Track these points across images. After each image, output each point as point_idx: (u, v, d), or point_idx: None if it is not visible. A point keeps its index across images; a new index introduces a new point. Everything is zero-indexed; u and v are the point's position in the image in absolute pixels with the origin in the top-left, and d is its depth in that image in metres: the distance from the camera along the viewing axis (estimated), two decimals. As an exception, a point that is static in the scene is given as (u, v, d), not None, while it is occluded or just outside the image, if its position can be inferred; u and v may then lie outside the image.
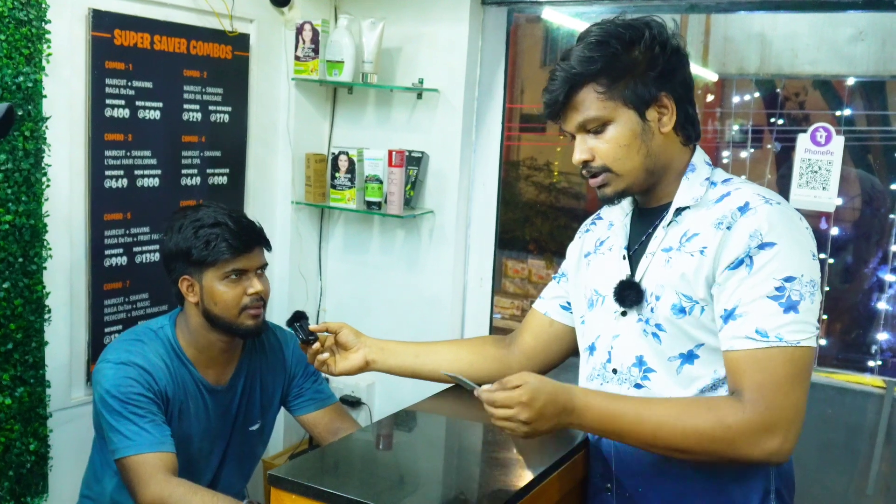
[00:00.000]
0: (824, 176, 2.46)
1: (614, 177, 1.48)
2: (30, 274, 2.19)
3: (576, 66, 1.44)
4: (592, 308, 1.61)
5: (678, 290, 1.44)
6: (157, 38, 2.49)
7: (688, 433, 1.35)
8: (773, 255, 1.35)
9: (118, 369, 1.92)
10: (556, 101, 1.48)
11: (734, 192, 1.45)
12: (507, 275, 4.00)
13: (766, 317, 1.35)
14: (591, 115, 1.46)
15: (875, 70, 3.12)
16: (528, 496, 1.44)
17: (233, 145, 2.81)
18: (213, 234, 1.95)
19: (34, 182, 2.17)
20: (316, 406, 2.20)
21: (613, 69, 1.44)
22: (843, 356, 3.12)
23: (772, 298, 1.35)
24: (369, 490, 1.36)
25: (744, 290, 1.37)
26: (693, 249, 1.44)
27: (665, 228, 1.50)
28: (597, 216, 1.75)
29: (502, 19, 2.90)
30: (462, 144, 2.86)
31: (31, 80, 2.13)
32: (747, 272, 1.37)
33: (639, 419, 1.38)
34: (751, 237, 1.37)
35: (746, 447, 1.33)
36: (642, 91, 1.44)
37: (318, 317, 3.18)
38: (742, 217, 1.39)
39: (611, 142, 1.46)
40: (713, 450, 1.35)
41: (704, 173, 1.51)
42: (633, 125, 1.45)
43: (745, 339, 1.36)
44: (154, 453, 1.86)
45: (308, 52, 2.85)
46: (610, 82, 1.44)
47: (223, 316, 1.97)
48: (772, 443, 1.33)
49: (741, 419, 1.33)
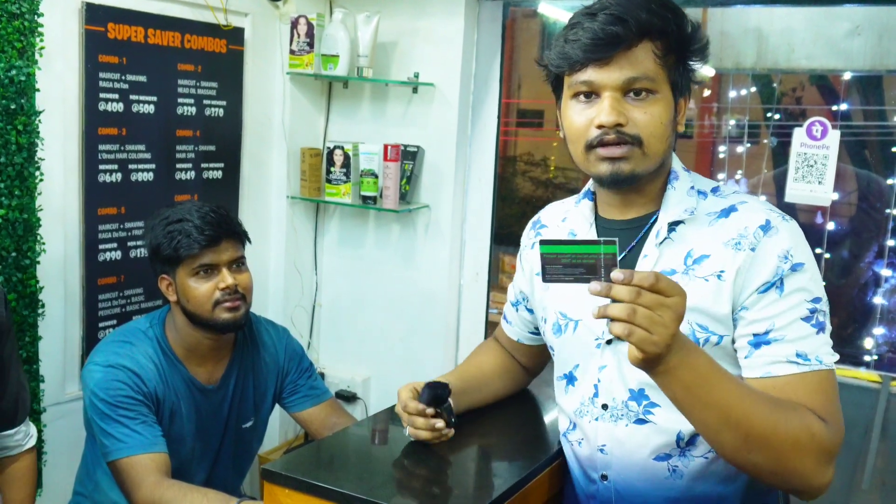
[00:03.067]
0: (820, 170, 2.45)
1: (641, 154, 1.29)
2: (23, 268, 2.18)
3: (644, 14, 1.25)
4: (561, 335, 1.46)
5: (691, 321, 1.29)
6: (151, 31, 2.48)
7: (778, 429, 1.18)
8: (803, 277, 1.27)
9: (106, 372, 1.90)
10: (614, 40, 1.24)
11: (742, 208, 1.33)
12: (504, 270, 4.00)
13: (803, 340, 1.26)
14: (646, 73, 1.27)
15: (871, 65, 3.11)
16: (524, 489, 1.44)
17: (227, 140, 2.80)
18: (177, 229, 1.92)
19: (27, 176, 2.16)
20: (311, 402, 2.19)
21: (678, 38, 1.29)
22: (839, 351, 3.12)
23: (804, 321, 1.26)
24: (364, 485, 1.35)
25: (775, 313, 1.27)
26: (706, 274, 1.30)
27: (658, 247, 1.35)
28: (538, 223, 1.58)
29: (498, 13, 2.89)
30: (458, 139, 2.85)
31: (23, 74, 2.12)
32: (778, 294, 1.27)
33: (740, 393, 1.18)
34: (780, 258, 1.27)
35: (814, 466, 1.20)
36: (685, 77, 1.32)
37: (313, 312, 3.17)
38: (766, 237, 1.28)
39: (653, 114, 1.28)
40: (789, 455, 1.19)
41: (687, 181, 1.38)
42: (671, 107, 1.31)
43: (787, 363, 1.25)
44: (145, 455, 1.85)
45: (303, 46, 2.84)
46: (666, 51, 1.28)
47: (197, 312, 1.94)
48: (829, 471, 1.22)
49: (825, 434, 1.21)
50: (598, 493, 1.45)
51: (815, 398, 1.24)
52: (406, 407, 1.52)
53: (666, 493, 1.37)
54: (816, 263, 1.32)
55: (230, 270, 1.96)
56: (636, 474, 1.38)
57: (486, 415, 1.69)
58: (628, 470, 1.38)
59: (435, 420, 1.50)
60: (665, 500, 1.37)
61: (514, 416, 1.75)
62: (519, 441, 1.65)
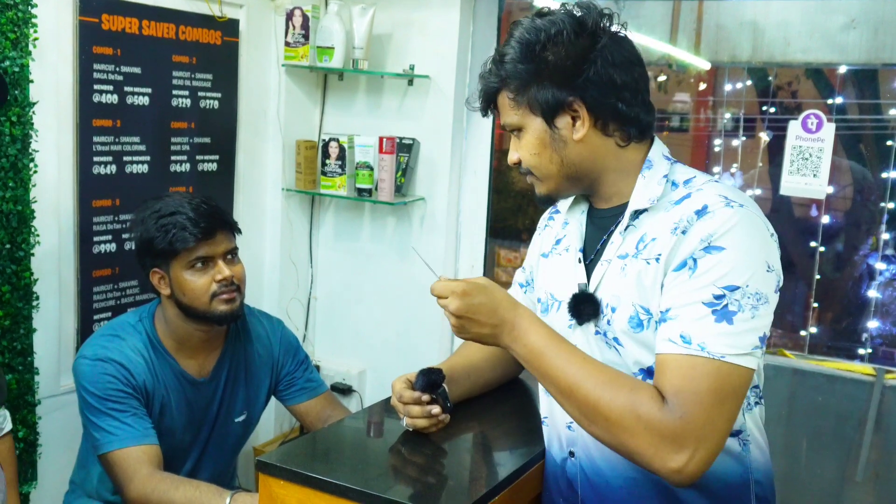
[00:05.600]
0: (815, 163, 2.45)
1: (537, 181, 1.43)
2: (17, 260, 2.17)
3: (488, 74, 1.41)
4: (546, 313, 1.51)
5: (635, 302, 1.33)
6: (146, 23, 2.47)
7: (599, 405, 1.24)
8: (718, 259, 1.24)
9: (94, 366, 1.90)
10: (481, 108, 1.46)
11: (695, 195, 1.33)
12: (500, 264, 4.00)
13: (693, 322, 1.23)
14: (506, 121, 1.41)
15: (867, 58, 3.11)
16: (520, 479, 1.45)
17: (222, 132, 2.79)
18: (171, 222, 1.91)
19: (21, 168, 2.15)
20: (307, 395, 2.19)
21: (518, 76, 1.36)
22: (833, 344, 3.13)
23: (706, 304, 1.23)
24: (359, 476, 1.35)
25: (680, 293, 1.26)
26: (649, 256, 1.32)
27: (622, 234, 1.38)
28: (554, 209, 1.64)
29: (494, 6, 2.89)
30: (453, 131, 2.85)
31: (17, 65, 2.11)
32: (689, 275, 1.26)
33: (564, 369, 1.29)
34: (700, 240, 1.26)
35: (647, 447, 1.21)
36: (545, 97, 1.34)
37: (308, 305, 3.17)
38: (698, 221, 1.27)
39: (524, 149, 1.41)
40: (615, 433, 1.24)
41: (662, 170, 1.39)
42: (541, 133, 1.38)
43: (668, 341, 1.25)
44: (137, 447, 1.85)
45: (298, 38, 2.83)
46: (518, 89, 1.37)
47: (194, 305, 1.94)
48: (675, 458, 1.20)
49: (654, 416, 1.21)
50: (567, 471, 1.47)
51: (672, 380, 1.22)
52: (401, 397, 1.53)
53: (625, 473, 1.38)
54: (761, 255, 1.26)
55: (225, 262, 1.96)
56: (598, 452, 1.40)
57: (480, 405, 1.70)
58: (591, 447, 1.41)
59: (431, 406, 1.52)
60: (625, 480, 1.39)
61: (508, 405, 1.75)
62: (514, 431, 1.66)
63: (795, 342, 3.12)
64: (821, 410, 2.72)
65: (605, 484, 1.41)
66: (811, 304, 3.06)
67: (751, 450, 1.39)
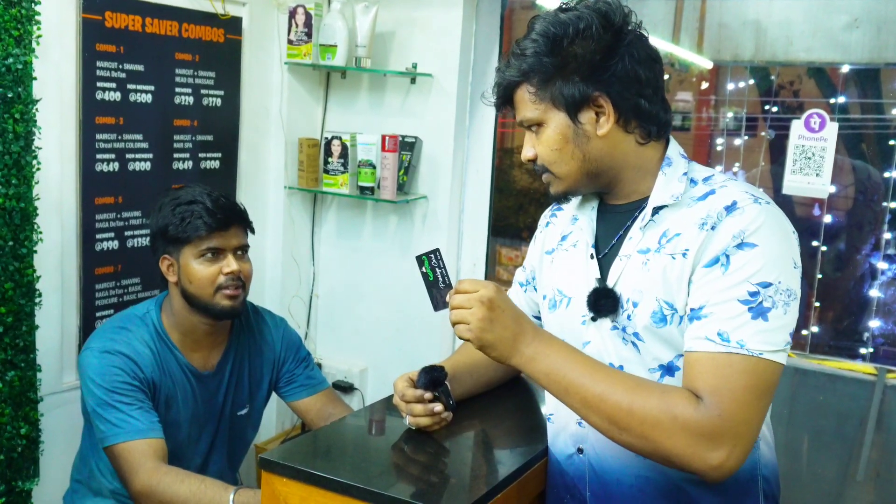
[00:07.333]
0: (818, 162, 2.45)
1: (554, 178, 1.42)
2: (20, 257, 2.18)
3: (507, 68, 1.39)
4: (555, 309, 1.50)
5: (658, 297, 1.33)
6: (149, 20, 2.47)
7: (633, 410, 1.23)
8: (751, 256, 1.25)
9: (102, 358, 1.91)
10: (497, 104, 1.45)
11: (720, 191, 1.33)
12: (501, 262, 4.00)
13: (730, 319, 1.23)
14: (526, 116, 1.40)
15: (870, 57, 3.11)
16: (522, 477, 1.45)
17: (225, 129, 2.79)
18: (188, 210, 1.94)
19: (24, 165, 2.16)
20: (308, 392, 2.19)
21: (543, 69, 1.35)
22: (835, 343, 3.13)
23: (742, 302, 1.24)
24: (361, 474, 1.35)
25: (714, 290, 1.26)
26: (674, 251, 1.32)
27: (642, 230, 1.38)
28: (556, 207, 1.63)
29: (496, 4, 2.89)
30: (456, 130, 2.85)
31: (20, 62, 2.11)
32: (722, 272, 1.26)
33: (591, 379, 1.27)
34: (732, 236, 1.26)
35: (685, 447, 1.21)
36: (571, 92, 1.34)
37: (310, 302, 3.17)
38: (728, 216, 1.28)
39: (544, 144, 1.39)
40: (652, 437, 1.23)
41: (682, 167, 1.40)
42: (564, 128, 1.37)
43: (705, 340, 1.24)
44: (142, 440, 1.85)
45: (301, 35, 2.83)
46: (541, 83, 1.36)
47: (198, 295, 1.95)
48: (714, 455, 1.20)
49: (691, 416, 1.21)
50: (573, 467, 1.47)
51: (709, 380, 1.23)
52: (404, 395, 1.53)
53: (638, 471, 1.38)
54: (789, 253, 1.28)
55: (235, 257, 1.97)
56: (610, 449, 1.39)
57: (482, 403, 1.70)
58: (603, 444, 1.40)
59: (434, 404, 1.52)
60: (637, 478, 1.39)
61: (510, 403, 1.75)
62: (516, 429, 1.66)
63: (797, 341, 3.11)
64: (822, 410, 2.72)
65: (616, 481, 1.41)
66: (813, 304, 3.06)
67: (760, 446, 1.40)
